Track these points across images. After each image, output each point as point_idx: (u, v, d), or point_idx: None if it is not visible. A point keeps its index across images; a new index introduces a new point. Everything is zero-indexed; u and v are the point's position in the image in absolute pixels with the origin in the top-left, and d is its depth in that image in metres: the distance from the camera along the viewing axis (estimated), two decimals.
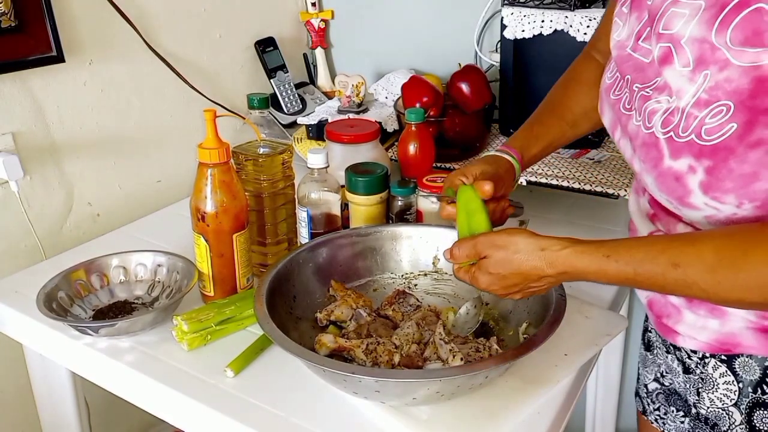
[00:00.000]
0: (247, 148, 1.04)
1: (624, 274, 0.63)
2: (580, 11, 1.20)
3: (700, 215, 0.65)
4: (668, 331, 0.78)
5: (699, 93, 0.61)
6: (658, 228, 0.76)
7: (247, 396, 0.79)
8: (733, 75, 0.58)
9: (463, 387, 0.73)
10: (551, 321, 0.76)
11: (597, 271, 0.64)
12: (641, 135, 0.68)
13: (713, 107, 0.60)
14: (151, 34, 1.28)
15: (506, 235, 0.70)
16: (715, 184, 0.61)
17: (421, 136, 1.14)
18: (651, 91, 0.67)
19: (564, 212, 1.26)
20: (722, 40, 0.58)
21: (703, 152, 0.61)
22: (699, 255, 0.59)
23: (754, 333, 0.69)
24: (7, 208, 1.11)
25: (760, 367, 0.71)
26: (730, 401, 0.74)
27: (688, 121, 0.62)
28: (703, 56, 0.60)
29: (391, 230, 0.99)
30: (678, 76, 0.63)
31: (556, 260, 0.67)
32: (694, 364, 0.78)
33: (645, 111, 0.67)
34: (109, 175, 1.26)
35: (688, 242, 0.61)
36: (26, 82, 1.10)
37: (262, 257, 1.07)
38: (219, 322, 0.89)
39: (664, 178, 0.66)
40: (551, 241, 0.68)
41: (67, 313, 0.92)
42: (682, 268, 0.59)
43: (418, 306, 0.92)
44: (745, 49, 0.57)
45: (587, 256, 0.65)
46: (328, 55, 1.72)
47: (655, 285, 0.62)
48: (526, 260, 0.68)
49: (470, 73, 1.33)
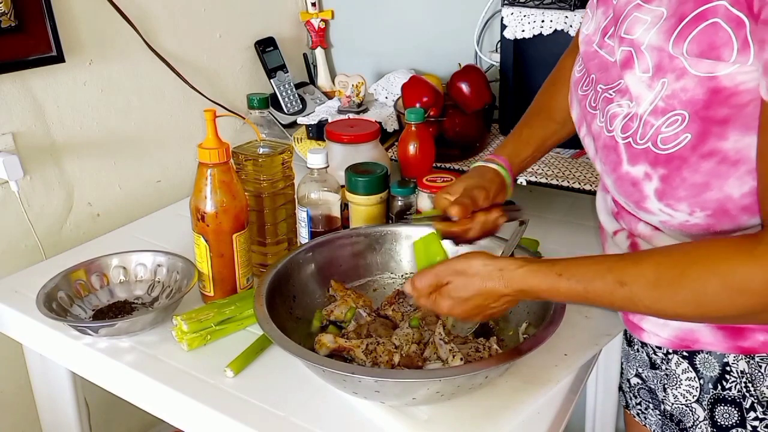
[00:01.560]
0: (247, 148, 1.04)
1: (575, 291, 0.65)
2: (580, 11, 1.20)
3: (656, 219, 0.68)
4: (634, 327, 0.79)
5: (656, 101, 0.62)
6: (622, 226, 0.78)
7: (247, 396, 0.79)
8: (689, 84, 0.59)
9: (463, 387, 0.73)
10: (551, 321, 0.77)
11: (550, 288, 0.66)
12: (603, 137, 0.70)
13: (669, 116, 0.61)
14: (151, 34, 1.28)
15: (464, 260, 0.72)
16: (669, 192, 0.64)
17: (421, 136, 1.14)
18: (614, 93, 0.68)
19: (564, 212, 1.26)
20: (679, 51, 0.59)
21: (659, 160, 0.63)
22: (642, 274, 0.61)
23: (711, 330, 0.71)
24: (7, 208, 1.11)
25: (719, 364, 0.73)
26: (693, 397, 0.76)
27: (645, 128, 0.63)
28: (662, 63, 0.61)
29: (391, 230, 0.99)
30: (638, 81, 0.64)
31: (512, 279, 0.68)
32: (659, 360, 0.80)
33: (608, 113, 0.68)
34: (109, 175, 1.26)
35: (632, 262, 0.63)
36: (26, 82, 1.10)
37: (262, 257, 1.07)
38: (219, 322, 0.89)
39: (622, 182, 0.68)
40: (508, 261, 0.70)
41: (67, 313, 0.92)
42: (628, 287, 0.61)
43: (418, 306, 0.92)
44: (701, 59, 0.58)
45: (540, 274, 0.67)
46: (328, 55, 1.72)
47: (605, 302, 0.64)
48: (485, 281, 0.69)
49: (470, 73, 1.33)
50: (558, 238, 1.14)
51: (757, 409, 0.71)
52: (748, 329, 0.69)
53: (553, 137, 0.92)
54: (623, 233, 0.77)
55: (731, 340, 0.70)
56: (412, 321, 0.86)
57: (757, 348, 0.69)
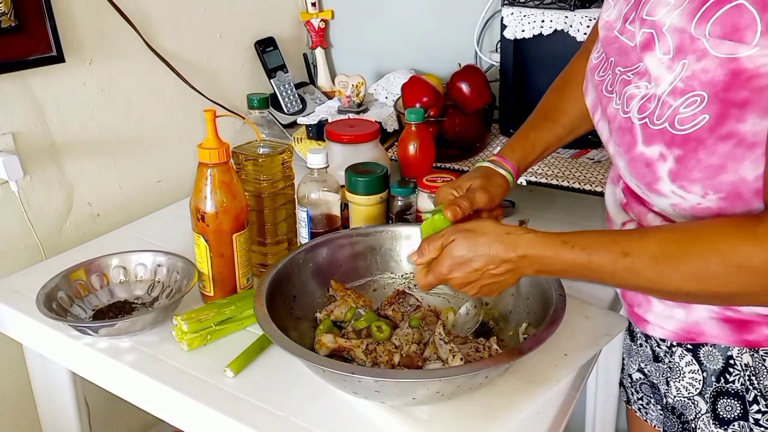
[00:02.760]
0: (247, 148, 1.04)
1: (579, 261, 0.66)
2: (580, 11, 1.20)
3: (667, 202, 0.68)
4: (639, 319, 0.79)
5: (676, 81, 0.62)
6: (630, 217, 0.78)
7: (247, 396, 0.79)
8: (709, 65, 0.59)
9: (463, 387, 0.73)
10: (551, 321, 0.77)
11: (554, 255, 0.68)
12: (619, 118, 0.69)
13: (688, 97, 0.61)
14: (151, 34, 1.28)
15: (474, 223, 0.73)
16: (683, 174, 0.63)
17: (421, 136, 1.14)
18: (632, 75, 0.68)
19: (564, 212, 1.26)
20: (701, 32, 0.59)
21: (675, 141, 0.63)
22: (646, 246, 0.62)
23: (717, 323, 0.71)
24: (7, 208, 1.11)
25: (722, 357, 0.73)
26: (695, 390, 0.76)
27: (663, 109, 0.63)
28: (683, 45, 0.61)
29: (391, 230, 0.99)
30: (658, 63, 0.63)
31: (518, 243, 0.69)
32: (662, 352, 0.81)
33: (624, 95, 0.68)
34: (109, 175, 1.26)
35: (638, 236, 0.65)
36: (26, 82, 1.10)
37: (262, 257, 1.07)
38: (219, 322, 0.89)
39: (635, 163, 0.68)
40: (515, 227, 0.72)
41: (67, 313, 0.92)
42: (631, 258, 0.63)
43: (418, 306, 0.92)
44: (723, 40, 0.58)
45: (547, 240, 0.68)
46: (328, 55, 1.72)
47: (606, 273, 0.65)
48: (489, 244, 0.70)
49: (470, 73, 1.33)
50: None
51: (760, 402, 0.71)
52: (754, 323, 0.69)
53: (557, 143, 0.92)
54: (632, 224, 0.77)
55: (737, 334, 0.70)
56: (412, 321, 0.86)
57: (762, 341, 0.69)
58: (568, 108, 0.91)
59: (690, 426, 0.78)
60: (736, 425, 0.73)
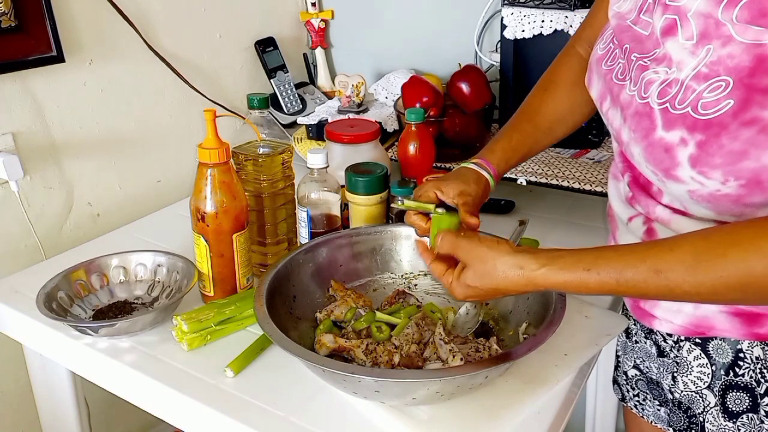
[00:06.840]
0: (247, 148, 1.04)
1: (606, 285, 0.63)
2: (580, 11, 1.20)
3: (683, 189, 0.66)
4: (645, 315, 0.79)
5: (700, 66, 0.61)
6: (638, 211, 0.77)
7: (247, 396, 0.79)
8: (735, 51, 0.58)
9: (463, 387, 0.73)
10: (551, 321, 0.77)
11: (578, 285, 0.65)
12: (635, 104, 0.68)
13: (712, 82, 0.60)
14: (151, 34, 1.28)
15: (487, 249, 0.70)
16: (704, 159, 0.62)
17: (421, 136, 1.14)
18: (649, 61, 0.67)
19: (564, 212, 1.26)
20: (728, 17, 0.59)
21: (697, 126, 0.61)
22: (679, 260, 0.60)
23: (727, 316, 0.71)
24: (7, 208, 1.11)
25: (732, 350, 0.73)
26: (704, 384, 0.76)
27: (686, 93, 0.62)
28: (707, 31, 0.61)
29: (391, 230, 0.99)
30: (680, 48, 0.63)
31: (534, 279, 0.67)
32: (668, 347, 0.80)
33: (642, 81, 0.67)
34: (109, 175, 1.26)
35: (667, 248, 0.62)
36: (26, 82, 1.10)
37: (262, 257, 1.07)
38: (219, 322, 0.89)
39: (653, 149, 0.66)
40: (528, 259, 0.67)
41: (67, 313, 0.92)
42: (664, 274, 0.60)
43: (419, 306, 0.92)
44: (750, 26, 0.57)
45: (566, 272, 0.65)
46: (328, 55, 1.72)
47: (638, 292, 0.63)
48: (504, 278, 0.68)
49: (470, 73, 1.33)
50: (558, 238, 1.14)
51: None
52: (765, 316, 0.69)
53: (536, 146, 0.92)
54: (639, 218, 0.76)
55: (747, 327, 0.70)
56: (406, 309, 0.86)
57: None
58: (547, 112, 0.91)
59: (697, 420, 0.78)
60: (745, 418, 0.73)
